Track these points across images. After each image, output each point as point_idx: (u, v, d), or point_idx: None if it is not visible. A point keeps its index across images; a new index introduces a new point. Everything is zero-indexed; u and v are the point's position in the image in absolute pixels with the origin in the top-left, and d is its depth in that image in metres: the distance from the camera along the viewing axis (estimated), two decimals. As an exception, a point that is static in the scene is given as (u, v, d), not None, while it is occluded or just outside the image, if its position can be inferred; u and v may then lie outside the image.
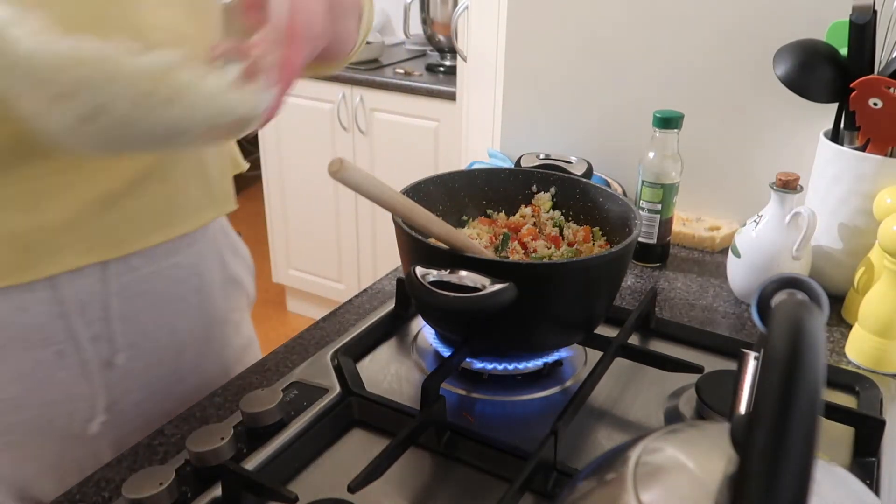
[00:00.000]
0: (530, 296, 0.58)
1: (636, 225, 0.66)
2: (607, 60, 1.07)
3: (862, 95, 0.78)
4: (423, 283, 0.55)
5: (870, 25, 0.77)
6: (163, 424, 0.63)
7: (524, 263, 0.64)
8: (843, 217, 0.83)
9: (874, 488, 0.55)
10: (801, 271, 0.81)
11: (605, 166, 1.13)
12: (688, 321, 0.81)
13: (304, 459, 0.58)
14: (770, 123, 0.99)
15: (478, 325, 0.64)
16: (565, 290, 0.61)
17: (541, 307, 0.61)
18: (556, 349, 0.69)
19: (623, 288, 0.89)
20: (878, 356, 0.71)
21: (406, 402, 0.63)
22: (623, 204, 0.72)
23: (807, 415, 0.26)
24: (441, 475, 0.57)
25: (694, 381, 0.64)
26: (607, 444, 0.61)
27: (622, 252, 0.62)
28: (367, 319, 0.77)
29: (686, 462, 0.35)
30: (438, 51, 2.36)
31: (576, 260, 0.67)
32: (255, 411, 0.59)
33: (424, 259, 0.61)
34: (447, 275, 0.56)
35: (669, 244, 0.97)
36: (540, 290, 0.60)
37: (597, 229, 0.75)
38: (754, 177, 1.00)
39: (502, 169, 0.80)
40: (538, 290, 0.60)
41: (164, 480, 0.52)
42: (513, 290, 0.55)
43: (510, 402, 0.66)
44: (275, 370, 0.71)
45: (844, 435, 0.61)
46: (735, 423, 0.34)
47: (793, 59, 0.82)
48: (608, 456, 0.38)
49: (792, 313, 0.30)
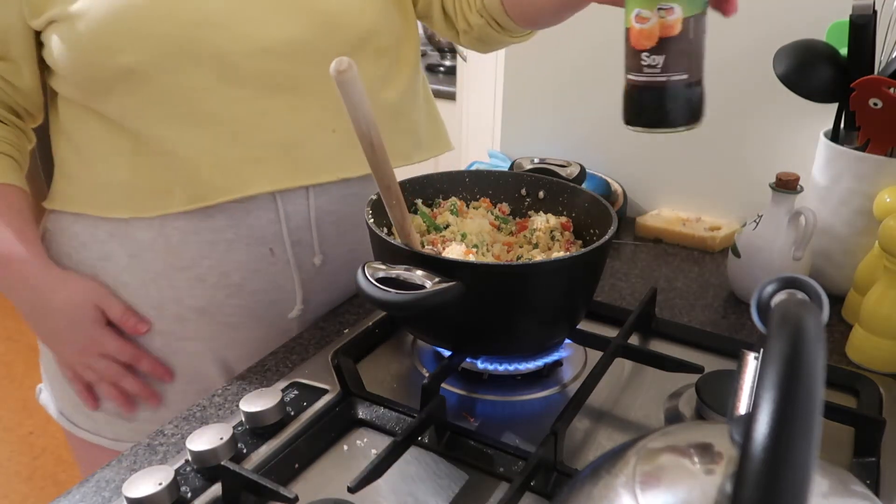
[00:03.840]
0: (487, 295, 0.58)
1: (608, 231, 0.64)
2: (608, 60, 1.07)
3: (862, 95, 0.78)
4: (368, 279, 0.55)
5: (870, 25, 0.77)
6: (163, 425, 0.64)
7: (475, 263, 0.62)
8: (843, 217, 0.83)
9: (874, 488, 0.55)
10: (801, 271, 0.81)
11: (606, 166, 1.13)
12: (688, 321, 0.81)
13: (303, 459, 0.58)
14: (770, 123, 0.99)
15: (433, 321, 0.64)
16: (518, 291, 0.60)
17: (499, 306, 0.60)
18: (536, 348, 0.68)
19: (623, 288, 0.89)
20: (878, 356, 0.71)
21: (406, 402, 0.63)
22: (604, 208, 0.70)
23: (807, 415, 0.26)
24: (441, 475, 0.57)
25: (694, 381, 0.64)
26: (607, 444, 0.61)
27: (570, 260, 0.61)
28: (367, 319, 0.77)
29: (686, 462, 0.35)
30: (438, 51, 2.36)
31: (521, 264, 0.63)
32: (255, 411, 0.59)
33: (387, 255, 0.61)
34: (403, 272, 0.56)
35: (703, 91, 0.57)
36: (491, 290, 0.59)
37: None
38: (754, 177, 1.00)
39: (491, 171, 0.79)
40: (489, 290, 0.59)
41: (164, 480, 0.52)
42: (458, 289, 0.54)
43: (510, 402, 0.66)
44: (275, 370, 0.71)
45: (844, 435, 0.61)
46: (735, 423, 0.34)
47: (793, 59, 0.82)
48: (608, 456, 0.38)
49: (792, 313, 0.30)
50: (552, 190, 0.77)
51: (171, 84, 0.67)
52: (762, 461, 0.25)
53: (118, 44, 0.64)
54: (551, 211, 0.76)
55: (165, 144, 0.70)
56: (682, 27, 0.50)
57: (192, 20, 0.65)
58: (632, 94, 0.54)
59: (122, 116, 0.70)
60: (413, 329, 0.70)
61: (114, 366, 0.77)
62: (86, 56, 0.66)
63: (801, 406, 0.26)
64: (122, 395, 0.79)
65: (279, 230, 0.75)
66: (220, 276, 0.74)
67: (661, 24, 0.50)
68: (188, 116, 0.69)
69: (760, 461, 0.26)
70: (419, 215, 0.73)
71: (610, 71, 1.09)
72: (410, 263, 0.57)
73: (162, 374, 0.79)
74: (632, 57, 0.52)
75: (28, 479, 1.94)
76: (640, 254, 1.01)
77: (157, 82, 0.67)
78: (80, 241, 0.75)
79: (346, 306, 0.83)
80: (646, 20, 0.50)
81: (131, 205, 0.72)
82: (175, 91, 0.67)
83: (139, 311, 0.76)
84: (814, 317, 0.30)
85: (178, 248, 0.73)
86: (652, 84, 0.52)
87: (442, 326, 0.64)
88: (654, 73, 0.51)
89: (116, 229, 0.73)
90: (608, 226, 0.66)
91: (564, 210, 0.76)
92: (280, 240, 0.75)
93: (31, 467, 1.98)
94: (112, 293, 0.76)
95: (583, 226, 0.74)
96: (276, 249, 0.75)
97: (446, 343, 0.67)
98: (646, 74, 0.52)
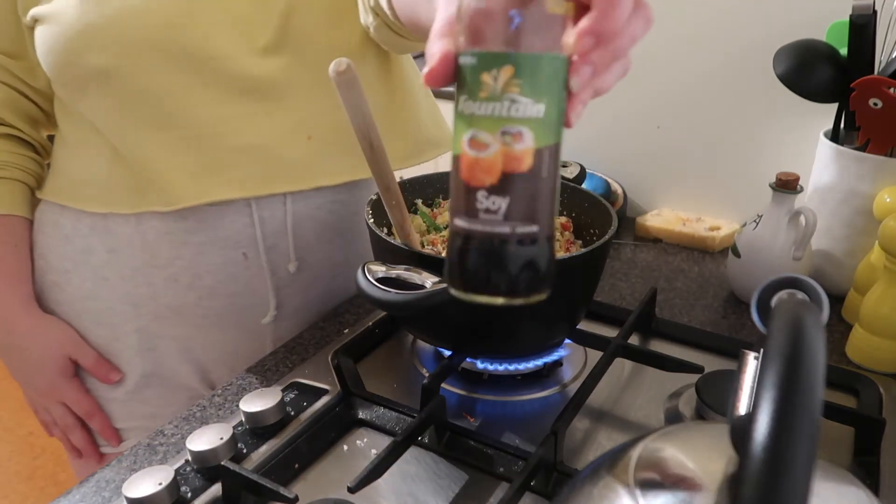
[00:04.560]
0: None
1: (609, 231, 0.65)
2: (607, 60, 1.07)
3: (862, 95, 0.78)
4: (368, 279, 0.55)
5: (870, 25, 0.77)
6: (163, 424, 0.63)
7: None
8: (843, 217, 0.83)
9: (874, 488, 0.55)
10: (801, 271, 0.81)
11: (606, 166, 1.13)
12: (688, 321, 0.81)
13: (303, 459, 0.58)
14: (770, 123, 0.99)
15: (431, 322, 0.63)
16: None
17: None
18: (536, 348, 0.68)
19: (623, 288, 0.89)
20: (878, 356, 0.71)
21: (406, 402, 0.63)
22: (604, 208, 0.71)
23: (807, 415, 0.26)
24: (441, 475, 0.57)
25: (694, 381, 0.64)
26: (607, 444, 0.61)
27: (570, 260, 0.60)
28: (367, 319, 0.77)
29: (686, 462, 0.35)
30: (438, 51, 2.35)
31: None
32: (255, 411, 0.59)
33: (387, 255, 0.62)
34: (403, 272, 0.56)
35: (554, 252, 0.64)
36: None
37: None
38: (754, 177, 1.00)
39: None
40: None
41: (164, 480, 0.52)
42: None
43: (510, 402, 0.66)
44: (275, 370, 0.71)
45: (844, 435, 0.61)
46: (735, 423, 0.34)
47: (793, 59, 0.82)
48: (608, 456, 0.38)
49: (792, 313, 0.30)
50: None
51: (141, 86, 0.66)
52: (762, 461, 0.25)
53: (89, 45, 0.64)
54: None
55: (136, 147, 0.69)
56: (533, 161, 0.35)
57: (162, 21, 0.65)
58: (460, 247, 0.37)
59: (96, 117, 0.69)
60: (413, 329, 0.70)
61: (68, 416, 0.80)
62: (61, 56, 0.66)
63: (801, 406, 0.26)
64: (69, 444, 0.82)
65: (253, 235, 0.74)
66: (192, 277, 0.74)
67: (505, 155, 0.35)
68: (157, 119, 0.68)
69: (760, 461, 0.26)
70: (419, 215, 0.73)
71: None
72: (410, 263, 0.57)
73: (109, 436, 0.81)
74: (462, 196, 0.36)
75: (28, 479, 1.94)
76: (640, 254, 1.01)
77: (127, 84, 0.66)
78: (64, 233, 0.75)
79: (345, 306, 0.83)
80: (484, 147, 0.35)
81: (109, 200, 0.72)
82: (146, 93, 0.67)
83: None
84: (814, 317, 0.30)
85: (154, 246, 0.73)
86: (489, 235, 0.36)
87: (442, 326, 0.64)
88: (494, 220, 0.36)
89: (96, 224, 0.73)
90: (608, 226, 0.66)
91: (564, 210, 0.76)
92: (254, 244, 0.74)
93: (31, 467, 1.97)
94: (85, 342, 0.78)
95: (583, 226, 0.74)
96: (250, 254, 0.74)
97: (446, 343, 0.67)
98: (482, 222, 0.36)
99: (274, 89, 0.70)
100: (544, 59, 0.34)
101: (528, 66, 0.34)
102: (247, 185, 0.71)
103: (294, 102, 0.72)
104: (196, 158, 0.69)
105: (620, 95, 1.08)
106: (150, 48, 0.65)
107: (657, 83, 1.05)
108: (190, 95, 0.67)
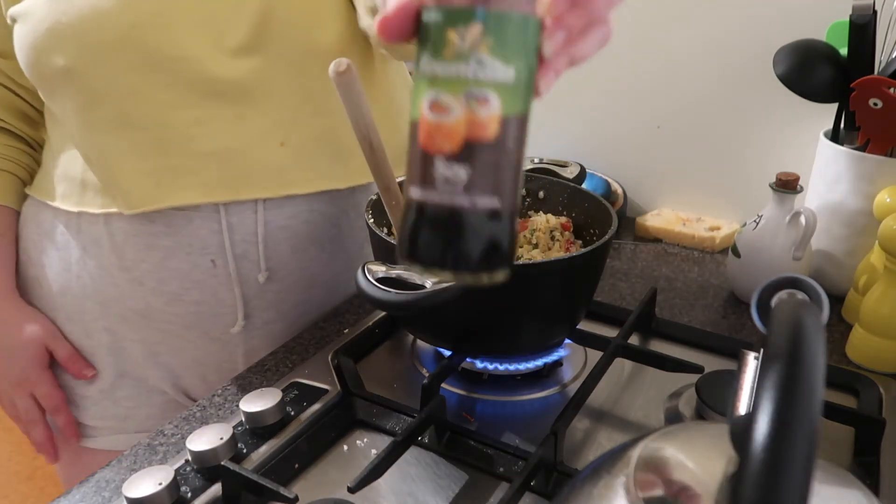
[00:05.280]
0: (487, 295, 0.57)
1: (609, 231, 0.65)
2: (608, 60, 1.07)
3: (862, 95, 0.78)
4: (368, 279, 0.55)
5: (870, 25, 0.77)
6: (163, 425, 0.63)
7: None
8: (843, 217, 0.83)
9: (874, 488, 0.55)
10: (801, 271, 0.81)
11: (606, 166, 1.13)
12: (688, 321, 0.81)
13: (303, 459, 0.58)
14: (770, 123, 0.99)
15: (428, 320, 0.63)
16: (518, 291, 0.60)
17: (499, 306, 0.60)
18: (536, 348, 0.68)
19: (623, 288, 0.89)
20: (878, 356, 0.71)
21: (406, 402, 0.63)
22: (604, 208, 0.71)
23: (807, 415, 0.26)
24: (441, 475, 0.57)
25: (694, 381, 0.64)
26: (607, 444, 0.61)
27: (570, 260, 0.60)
28: (367, 319, 0.77)
29: (686, 462, 0.35)
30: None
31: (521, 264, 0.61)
32: (255, 411, 0.59)
33: (387, 255, 0.62)
34: (403, 272, 0.56)
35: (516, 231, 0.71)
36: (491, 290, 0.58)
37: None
38: (754, 177, 1.00)
39: None
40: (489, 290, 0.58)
41: (164, 480, 0.52)
42: (458, 289, 0.53)
43: (510, 402, 0.66)
44: (275, 370, 0.71)
45: (844, 435, 0.61)
46: (735, 423, 0.34)
47: (793, 59, 0.82)
48: (608, 456, 0.38)
49: (792, 313, 0.30)
50: (552, 190, 0.77)
51: (102, 86, 0.65)
52: (762, 461, 0.25)
53: (53, 44, 0.64)
54: (551, 211, 0.76)
55: (99, 148, 0.68)
56: (499, 129, 0.32)
57: (127, 21, 0.63)
58: (415, 217, 0.34)
59: (64, 117, 0.69)
60: (413, 329, 0.70)
61: (34, 410, 0.79)
62: (30, 55, 0.66)
63: (801, 406, 0.26)
64: (32, 437, 0.82)
65: (221, 242, 0.71)
66: (157, 282, 0.72)
67: (468, 120, 0.32)
68: (118, 120, 0.66)
69: (760, 461, 0.26)
70: None
71: (611, 70, 1.09)
72: None
73: (71, 435, 0.81)
74: (419, 163, 0.33)
75: (28, 479, 1.94)
76: (640, 254, 1.01)
77: (88, 84, 0.65)
78: (44, 228, 0.75)
79: (345, 306, 0.83)
80: (446, 111, 0.32)
81: (81, 199, 0.71)
82: (107, 94, 0.66)
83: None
84: (814, 317, 0.30)
85: (121, 248, 0.71)
86: (447, 207, 0.33)
87: (442, 326, 0.64)
88: (453, 190, 0.33)
89: (70, 221, 0.73)
90: (608, 226, 0.66)
91: (564, 210, 0.76)
92: (222, 252, 0.72)
93: (31, 467, 1.97)
94: (63, 335, 0.77)
95: (583, 226, 0.74)
96: (219, 261, 0.72)
97: (446, 343, 0.67)
98: (440, 192, 0.33)
99: (245, 92, 0.68)
100: (518, 18, 0.31)
101: (499, 25, 0.31)
102: (213, 191, 0.69)
103: (267, 107, 0.69)
104: (158, 161, 0.68)
105: (621, 96, 1.09)
106: (111, 48, 0.64)
107: (657, 83, 1.05)
108: (154, 97, 0.66)
